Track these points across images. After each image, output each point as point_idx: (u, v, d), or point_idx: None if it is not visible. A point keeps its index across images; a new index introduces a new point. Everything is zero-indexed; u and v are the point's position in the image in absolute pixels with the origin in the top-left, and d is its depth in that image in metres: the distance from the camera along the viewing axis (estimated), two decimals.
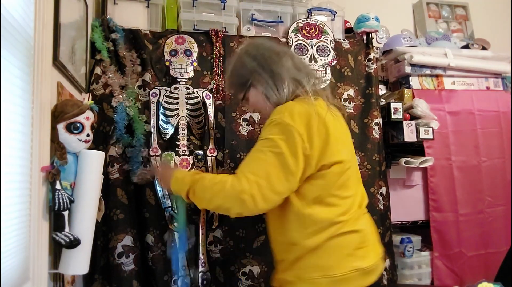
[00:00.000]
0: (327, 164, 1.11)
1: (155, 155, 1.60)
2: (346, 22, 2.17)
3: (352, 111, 1.91)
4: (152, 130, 1.62)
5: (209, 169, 1.66)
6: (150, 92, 1.65)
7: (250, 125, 1.74)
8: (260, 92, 1.22)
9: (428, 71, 2.21)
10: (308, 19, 1.96)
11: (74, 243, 0.99)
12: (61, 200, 0.97)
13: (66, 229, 1.00)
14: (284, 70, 1.19)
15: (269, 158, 1.07)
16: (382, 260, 1.21)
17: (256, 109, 1.30)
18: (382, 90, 2.28)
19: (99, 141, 1.56)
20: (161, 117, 1.65)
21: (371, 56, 1.98)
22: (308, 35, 1.94)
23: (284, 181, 1.07)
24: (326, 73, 1.91)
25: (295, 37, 1.91)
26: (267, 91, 1.20)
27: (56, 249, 1.07)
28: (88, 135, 1.08)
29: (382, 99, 2.11)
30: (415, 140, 1.98)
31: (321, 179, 1.12)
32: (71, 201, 1.01)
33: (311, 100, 1.14)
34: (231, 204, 1.09)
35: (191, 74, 1.74)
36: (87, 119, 1.08)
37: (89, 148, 1.13)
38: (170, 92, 1.69)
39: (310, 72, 1.26)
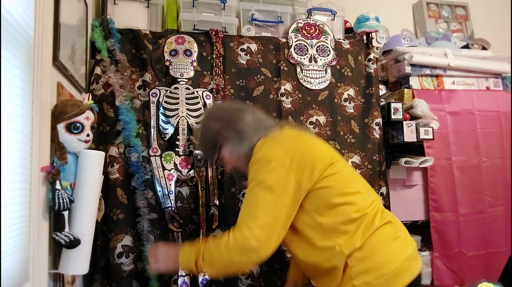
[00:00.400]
0: (321, 170, 1.11)
1: (155, 155, 1.60)
2: (346, 22, 2.17)
3: (352, 111, 1.91)
4: (152, 130, 1.62)
5: (209, 169, 1.66)
6: (150, 92, 1.65)
7: None
8: (230, 150, 1.24)
9: (428, 71, 2.21)
10: (308, 19, 1.96)
11: (74, 243, 0.99)
12: (61, 200, 0.97)
13: (66, 229, 1.00)
14: (246, 125, 1.22)
15: (260, 197, 1.07)
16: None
17: (233, 165, 1.30)
18: (382, 90, 2.28)
19: (99, 141, 1.56)
20: (161, 117, 1.65)
21: (371, 56, 1.98)
22: (308, 35, 1.94)
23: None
24: (326, 73, 1.91)
25: (295, 37, 1.91)
26: (235, 148, 1.22)
27: (56, 249, 1.07)
28: (88, 135, 1.08)
29: (382, 99, 2.11)
30: (415, 140, 1.98)
31: (322, 186, 1.11)
32: (71, 201, 1.01)
33: (277, 130, 1.20)
34: (241, 257, 1.05)
35: (191, 74, 1.74)
36: (87, 119, 1.08)
37: (89, 148, 1.13)
38: (170, 92, 1.69)
39: (272, 122, 1.28)
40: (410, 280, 1.08)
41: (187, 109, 1.69)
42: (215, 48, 1.78)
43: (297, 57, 1.89)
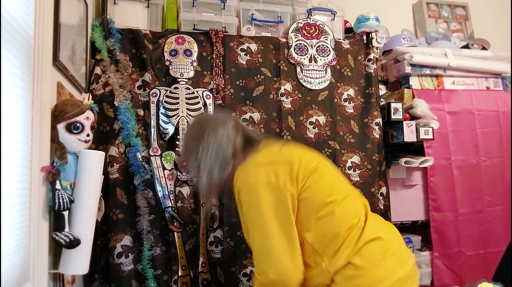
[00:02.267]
0: (304, 178, 1.09)
1: (155, 155, 1.60)
2: (346, 22, 2.17)
3: (352, 111, 1.91)
4: (152, 130, 1.62)
5: None
6: (150, 92, 1.65)
7: (250, 125, 1.74)
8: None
9: (428, 71, 2.21)
10: (308, 19, 1.96)
11: (74, 243, 0.99)
12: (61, 200, 0.97)
13: (66, 229, 1.00)
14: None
15: (264, 233, 1.05)
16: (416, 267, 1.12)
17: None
18: (382, 90, 2.28)
19: (99, 141, 1.56)
20: (162, 117, 1.65)
21: (371, 56, 1.98)
22: (308, 35, 1.94)
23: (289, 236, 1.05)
24: (326, 73, 1.91)
25: (295, 37, 1.91)
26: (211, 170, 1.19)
27: (56, 249, 1.07)
28: (88, 135, 1.08)
29: (382, 99, 2.11)
30: (415, 140, 1.98)
31: (306, 197, 1.08)
32: (71, 201, 1.01)
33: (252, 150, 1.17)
34: None
35: (191, 74, 1.74)
36: (87, 119, 1.08)
37: (89, 148, 1.13)
38: (170, 92, 1.69)
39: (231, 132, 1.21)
40: None
41: (187, 109, 1.69)
42: (215, 48, 1.78)
43: (297, 57, 1.89)
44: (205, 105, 1.72)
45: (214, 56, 1.77)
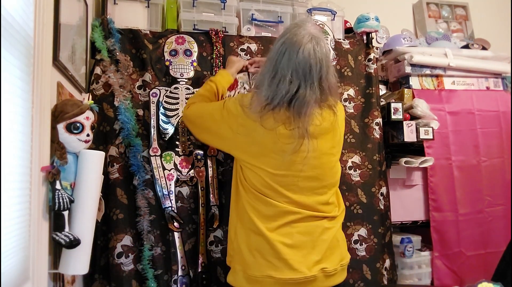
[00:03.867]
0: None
1: (155, 155, 1.60)
2: (346, 22, 2.17)
3: (352, 111, 1.91)
4: (152, 130, 1.62)
5: (209, 169, 1.65)
6: (150, 92, 1.65)
7: None
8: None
9: (428, 71, 2.21)
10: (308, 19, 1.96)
11: (74, 243, 0.99)
12: (61, 200, 0.97)
13: (66, 229, 1.00)
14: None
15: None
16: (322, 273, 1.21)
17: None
18: (382, 90, 2.28)
19: (99, 141, 1.56)
20: (162, 117, 1.65)
21: (371, 56, 1.98)
22: None
23: None
24: None
25: None
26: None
27: (56, 249, 1.07)
28: (88, 135, 1.08)
29: (382, 99, 2.11)
30: (415, 140, 1.98)
31: None
32: (71, 201, 1.01)
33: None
34: None
35: (191, 74, 1.74)
36: (87, 119, 1.08)
37: (89, 148, 1.13)
38: (170, 92, 1.69)
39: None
40: None
41: None
42: (215, 48, 1.78)
43: None
44: None
45: (214, 56, 1.77)
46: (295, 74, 1.09)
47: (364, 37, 2.03)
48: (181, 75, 1.72)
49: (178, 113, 1.67)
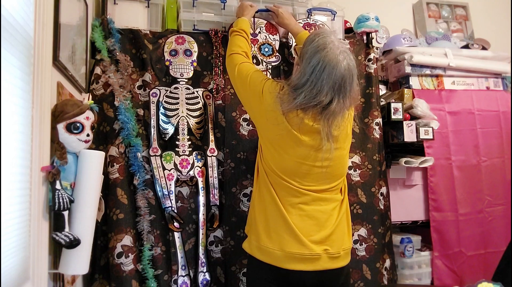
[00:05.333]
0: None
1: (155, 155, 1.60)
2: (346, 22, 2.17)
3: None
4: (152, 130, 1.62)
5: (209, 169, 1.66)
6: (150, 92, 1.65)
7: (250, 125, 1.73)
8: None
9: (428, 71, 2.21)
10: (308, 19, 1.96)
11: (74, 243, 0.99)
12: (61, 200, 0.97)
13: (66, 229, 1.00)
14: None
15: None
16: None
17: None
18: (382, 90, 2.28)
19: (99, 141, 1.56)
20: (162, 117, 1.65)
21: (371, 56, 1.98)
22: None
23: None
24: None
25: None
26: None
27: (56, 249, 1.07)
28: (88, 135, 1.08)
29: (382, 99, 2.11)
30: (415, 140, 1.98)
31: None
32: (71, 201, 1.01)
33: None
34: None
35: (191, 74, 1.74)
36: (87, 119, 1.08)
37: (89, 148, 1.13)
38: (170, 92, 1.69)
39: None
40: None
41: (187, 109, 1.69)
42: (215, 48, 1.78)
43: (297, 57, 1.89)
44: (205, 105, 1.72)
45: (214, 56, 1.77)
46: (331, 88, 1.20)
47: (364, 37, 2.03)
48: (181, 75, 1.72)
49: (178, 113, 1.67)
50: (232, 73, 1.46)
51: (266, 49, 1.83)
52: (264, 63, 1.81)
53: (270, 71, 1.81)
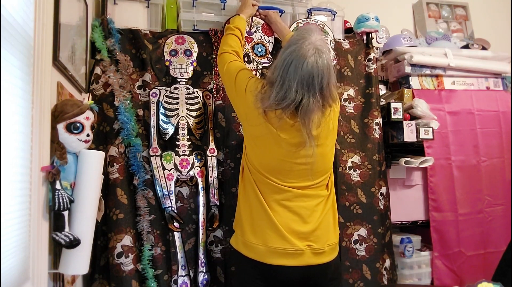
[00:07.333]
0: None
1: (155, 155, 1.60)
2: (346, 22, 2.17)
3: (352, 111, 1.91)
4: (152, 130, 1.62)
5: (209, 169, 1.66)
6: (150, 92, 1.65)
7: None
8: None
9: (428, 71, 2.21)
10: (308, 19, 1.96)
11: (74, 243, 0.99)
12: (61, 200, 0.97)
13: (66, 229, 1.00)
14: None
15: None
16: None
17: None
18: (382, 90, 2.28)
19: (99, 141, 1.56)
20: (162, 117, 1.65)
21: (371, 56, 1.98)
22: None
23: None
24: None
25: None
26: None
27: (56, 249, 1.07)
28: (88, 135, 1.08)
29: (382, 99, 2.11)
30: (415, 140, 1.98)
31: None
32: (71, 201, 1.01)
33: None
34: None
35: (191, 74, 1.74)
36: (87, 119, 1.08)
37: (89, 148, 1.13)
38: (170, 92, 1.69)
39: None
40: None
41: (187, 109, 1.69)
42: (215, 48, 1.78)
43: None
44: (204, 105, 1.72)
45: (214, 56, 1.77)
46: (300, 85, 1.18)
47: (364, 37, 2.03)
48: (181, 75, 1.72)
49: (178, 113, 1.67)
50: (221, 71, 1.48)
51: (260, 49, 1.83)
52: (256, 63, 1.81)
53: (260, 71, 1.81)
